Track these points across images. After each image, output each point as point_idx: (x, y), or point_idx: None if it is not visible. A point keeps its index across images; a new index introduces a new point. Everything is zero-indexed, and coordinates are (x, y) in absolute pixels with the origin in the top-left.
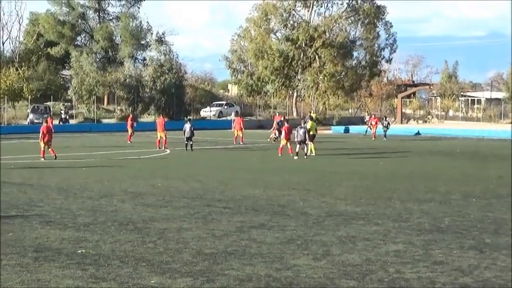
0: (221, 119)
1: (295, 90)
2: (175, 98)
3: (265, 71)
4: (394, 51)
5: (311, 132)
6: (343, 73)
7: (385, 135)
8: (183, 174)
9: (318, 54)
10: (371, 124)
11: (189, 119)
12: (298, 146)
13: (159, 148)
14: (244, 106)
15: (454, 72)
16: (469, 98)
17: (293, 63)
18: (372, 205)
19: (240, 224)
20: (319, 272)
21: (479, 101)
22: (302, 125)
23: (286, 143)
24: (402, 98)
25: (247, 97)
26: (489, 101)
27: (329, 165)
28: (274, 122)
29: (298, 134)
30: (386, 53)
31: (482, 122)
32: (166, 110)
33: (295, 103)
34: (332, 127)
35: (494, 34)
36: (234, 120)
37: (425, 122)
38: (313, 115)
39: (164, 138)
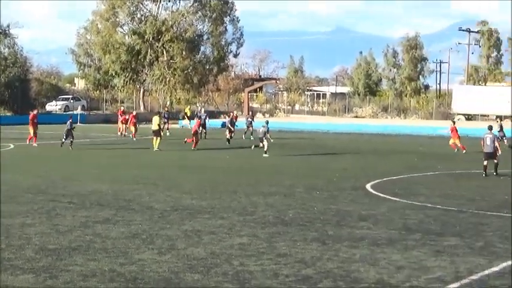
0: (67, 113)
1: (142, 85)
2: (20, 92)
3: (113, 65)
4: (241, 46)
5: (154, 128)
6: (191, 67)
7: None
8: (27, 168)
9: (165, 48)
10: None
11: (71, 116)
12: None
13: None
14: (91, 100)
15: (300, 67)
16: (315, 93)
17: (140, 57)
18: (217, 199)
19: (85, 219)
20: (164, 266)
21: (324, 96)
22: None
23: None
24: (249, 92)
25: (94, 91)
26: (334, 95)
27: (176, 160)
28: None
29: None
30: (233, 47)
31: (328, 116)
32: (11, 104)
33: (143, 97)
34: (179, 121)
35: (340, 29)
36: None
37: (272, 115)
38: (188, 111)
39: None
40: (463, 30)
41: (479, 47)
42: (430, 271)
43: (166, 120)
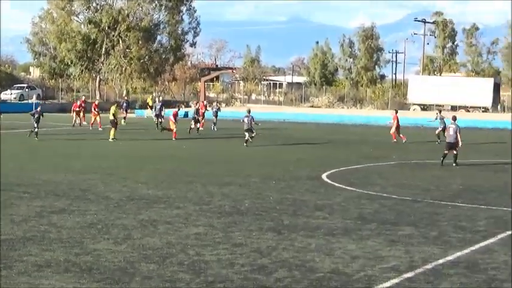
0: (22, 102)
1: (98, 74)
2: None
3: (68, 54)
4: (198, 35)
5: (110, 118)
6: (147, 57)
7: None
8: None
9: (121, 37)
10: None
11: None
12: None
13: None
14: (47, 89)
15: (256, 56)
16: (271, 82)
17: (96, 46)
18: (173, 189)
19: (40, 208)
20: (120, 256)
21: (281, 85)
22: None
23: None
24: (205, 81)
25: (50, 80)
26: (290, 85)
27: (132, 150)
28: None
29: None
30: (190, 37)
31: (284, 106)
32: None
33: (99, 86)
34: (135, 110)
35: (296, 19)
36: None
37: (228, 105)
38: (149, 100)
39: None
40: (419, 21)
41: (435, 37)
42: (384, 260)
43: (125, 110)
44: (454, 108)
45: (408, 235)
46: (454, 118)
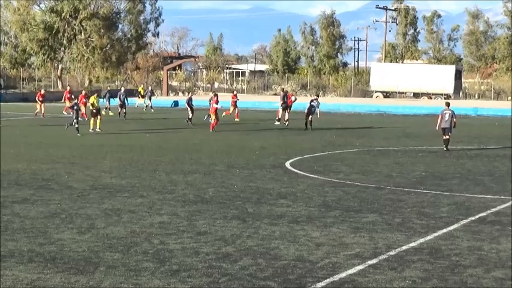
0: None
1: (60, 63)
2: None
3: (30, 43)
4: (159, 25)
5: (90, 108)
6: (109, 46)
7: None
8: None
9: (83, 26)
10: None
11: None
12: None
13: None
14: (8, 79)
15: (219, 44)
16: (234, 71)
17: (58, 35)
18: (137, 177)
19: (3, 199)
20: (84, 245)
21: (243, 73)
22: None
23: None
24: (168, 70)
25: (11, 69)
26: (253, 73)
27: (95, 139)
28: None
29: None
30: (152, 25)
31: (247, 94)
32: None
33: (61, 76)
34: (99, 99)
35: (258, 8)
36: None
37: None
38: (141, 90)
39: None
40: (381, 8)
41: (396, 24)
42: (349, 247)
43: (108, 100)
44: (416, 95)
45: (372, 222)
46: (448, 104)
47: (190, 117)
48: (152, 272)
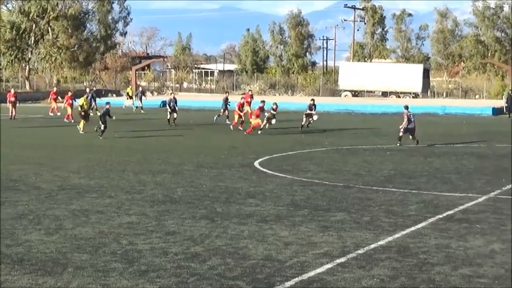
0: None
1: (28, 63)
2: None
3: None
4: (128, 24)
5: (79, 109)
6: (77, 46)
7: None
8: None
9: (51, 26)
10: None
11: None
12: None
13: None
14: None
15: (188, 44)
16: (203, 70)
17: (25, 35)
18: (105, 178)
19: None
20: (52, 246)
21: (212, 73)
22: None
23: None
24: (136, 70)
25: None
26: (222, 73)
27: (63, 139)
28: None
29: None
30: (120, 25)
31: (216, 94)
32: None
33: (28, 76)
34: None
35: (227, 7)
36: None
37: (160, 93)
38: (129, 90)
39: None
40: (349, 7)
41: (365, 23)
42: (317, 246)
43: (94, 101)
44: (384, 94)
45: (340, 221)
46: (407, 107)
47: (175, 117)
48: (121, 272)
